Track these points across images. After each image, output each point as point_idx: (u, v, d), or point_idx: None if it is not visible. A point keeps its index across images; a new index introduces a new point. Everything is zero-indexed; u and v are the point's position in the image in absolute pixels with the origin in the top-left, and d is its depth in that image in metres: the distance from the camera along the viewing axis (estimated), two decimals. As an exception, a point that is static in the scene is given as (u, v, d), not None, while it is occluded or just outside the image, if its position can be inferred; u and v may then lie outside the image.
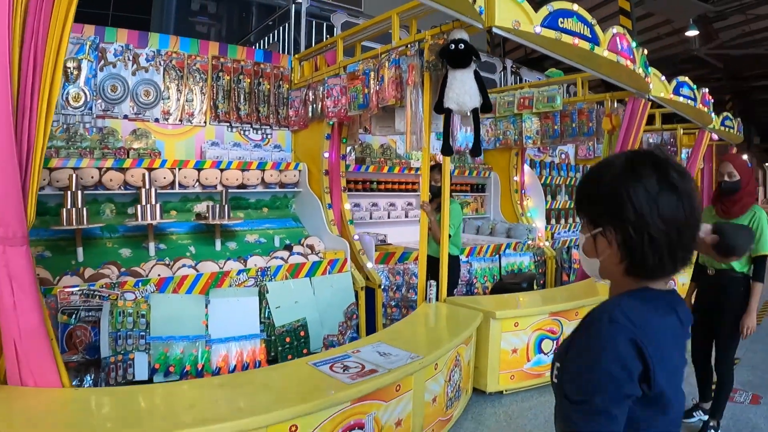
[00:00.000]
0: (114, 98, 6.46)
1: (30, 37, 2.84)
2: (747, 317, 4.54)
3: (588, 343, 1.46)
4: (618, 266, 1.55)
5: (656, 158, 1.53)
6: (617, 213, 1.50)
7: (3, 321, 3.08)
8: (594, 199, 1.60)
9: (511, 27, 4.95)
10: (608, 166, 1.58)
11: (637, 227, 1.47)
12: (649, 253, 1.48)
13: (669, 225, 1.46)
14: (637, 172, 1.50)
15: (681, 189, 1.47)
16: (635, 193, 1.47)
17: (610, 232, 1.53)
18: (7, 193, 2.86)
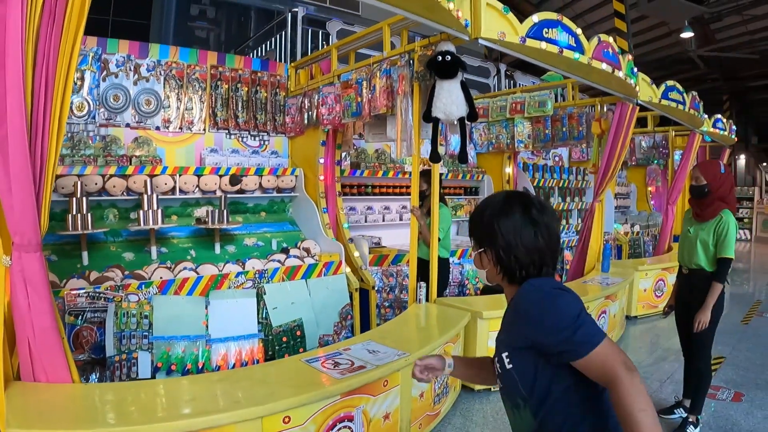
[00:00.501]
0: (116, 107, 6.62)
1: (42, 60, 3.01)
2: (701, 312, 4.74)
3: (541, 308, 1.86)
4: (498, 276, 2.06)
5: (523, 198, 2.03)
6: (492, 240, 2.00)
7: (18, 321, 3.26)
8: (478, 227, 2.09)
9: (497, 38, 5.13)
10: (489, 203, 2.07)
11: (506, 250, 1.97)
12: (516, 268, 1.98)
13: (530, 249, 1.95)
14: (507, 210, 1.99)
15: (539, 222, 1.96)
16: (504, 227, 1.97)
17: (489, 252, 2.04)
18: (23, 205, 3.05)
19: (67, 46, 3.10)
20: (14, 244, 3.16)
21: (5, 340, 3.22)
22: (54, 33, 3.04)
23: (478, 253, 2.10)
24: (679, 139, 12.16)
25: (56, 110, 3.13)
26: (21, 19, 2.85)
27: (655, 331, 8.39)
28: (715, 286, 4.76)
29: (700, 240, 4.89)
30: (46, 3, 2.96)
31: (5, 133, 2.94)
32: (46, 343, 3.33)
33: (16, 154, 2.97)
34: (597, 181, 8.17)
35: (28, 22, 2.90)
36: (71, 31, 3.10)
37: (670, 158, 12.08)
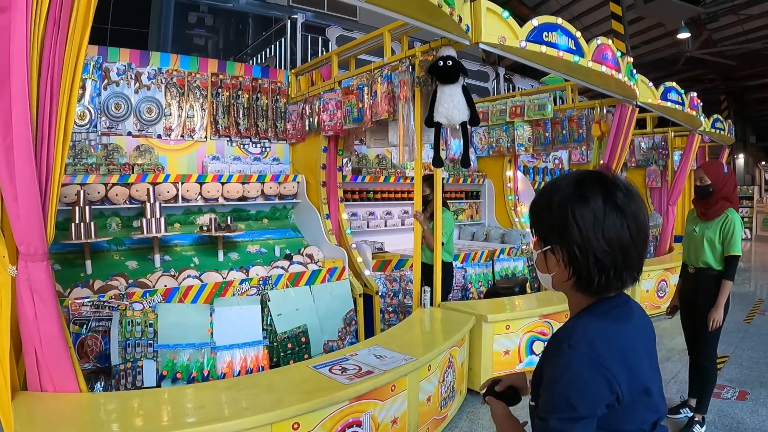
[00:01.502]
0: (118, 116, 6.63)
1: (47, 69, 3.03)
2: (714, 311, 4.77)
3: (554, 371, 1.53)
4: (567, 282, 1.63)
5: (603, 179, 1.58)
6: (564, 233, 1.56)
7: (24, 331, 3.27)
8: (544, 218, 1.65)
9: (497, 42, 5.16)
10: (557, 186, 1.63)
11: (583, 248, 1.53)
12: (594, 272, 1.54)
13: (613, 246, 1.52)
14: (583, 194, 1.55)
15: (626, 210, 1.53)
16: (581, 215, 1.53)
17: (557, 251, 1.60)
18: (29, 214, 3.06)
19: (71, 54, 3.11)
20: (20, 253, 3.17)
21: (12, 349, 3.22)
22: (59, 42, 3.05)
23: (542, 253, 1.68)
24: (679, 139, 12.18)
25: (62, 119, 3.14)
26: (25, 28, 2.86)
27: (659, 332, 8.37)
28: (725, 283, 4.80)
29: (706, 239, 4.92)
30: (51, 12, 2.98)
31: (11, 142, 2.95)
32: (53, 352, 3.33)
33: (21, 163, 2.98)
34: (598, 183, 8.17)
35: (32, 31, 2.91)
36: (76, 39, 3.11)
37: (670, 159, 12.10)
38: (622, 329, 1.59)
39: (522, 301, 6.56)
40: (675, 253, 10.43)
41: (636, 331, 1.63)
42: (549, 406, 1.52)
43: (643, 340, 1.65)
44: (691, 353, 5.28)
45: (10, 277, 3.17)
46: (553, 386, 1.51)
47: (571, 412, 1.47)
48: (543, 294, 7.66)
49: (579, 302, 1.67)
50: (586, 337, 1.52)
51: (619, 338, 1.56)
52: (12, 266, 3.17)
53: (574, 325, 1.60)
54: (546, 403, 1.54)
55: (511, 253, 9.19)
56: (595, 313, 1.61)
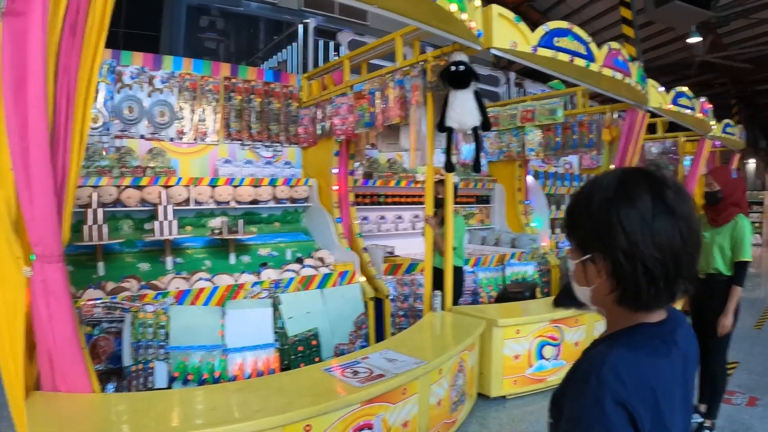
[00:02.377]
0: (131, 119, 6.68)
1: (63, 73, 3.06)
2: (723, 317, 4.78)
3: (577, 405, 1.33)
4: (609, 296, 1.40)
5: (651, 177, 1.38)
6: (607, 239, 1.35)
7: (39, 331, 3.30)
8: (583, 223, 1.44)
9: (508, 48, 5.18)
10: (598, 186, 1.42)
11: (630, 256, 1.32)
12: (643, 284, 1.32)
13: (665, 253, 1.31)
14: (629, 194, 1.35)
15: (678, 211, 1.33)
16: (627, 218, 1.32)
17: (599, 260, 1.38)
18: (45, 216, 3.10)
19: (87, 59, 3.15)
20: (36, 254, 3.20)
21: (25, 349, 3.24)
22: (75, 46, 3.10)
23: (580, 263, 1.44)
24: (689, 144, 12.09)
25: (77, 123, 3.18)
26: (42, 33, 2.90)
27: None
28: (735, 289, 4.81)
29: (716, 245, 4.92)
30: (67, 17, 3.01)
31: (27, 146, 2.99)
32: (67, 352, 3.36)
33: (38, 165, 3.01)
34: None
35: (49, 35, 2.95)
36: (91, 44, 3.15)
37: (680, 164, 12.05)
38: (659, 366, 1.36)
39: (532, 305, 6.56)
40: (685, 258, 10.38)
41: (674, 367, 1.40)
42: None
43: (683, 377, 1.44)
44: (702, 359, 5.26)
45: (25, 278, 3.20)
46: (578, 422, 1.31)
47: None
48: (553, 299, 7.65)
49: (620, 321, 1.44)
50: (616, 371, 1.29)
51: (653, 377, 1.33)
52: (27, 267, 3.20)
53: (605, 355, 1.34)
54: None
55: (522, 258, 9.17)
56: (632, 343, 1.37)
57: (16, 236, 3.16)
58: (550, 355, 5.88)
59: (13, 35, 2.90)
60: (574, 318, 6.00)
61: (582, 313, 6.02)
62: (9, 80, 2.91)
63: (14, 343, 3.19)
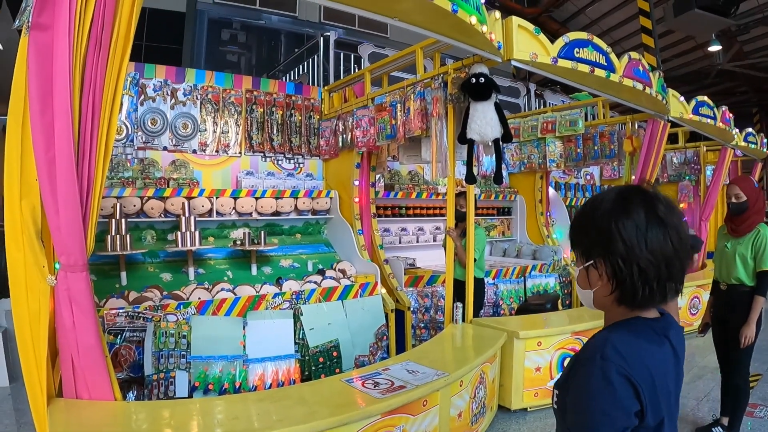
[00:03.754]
0: (154, 131, 6.75)
1: (89, 86, 3.11)
2: (746, 327, 4.72)
3: (584, 381, 1.51)
4: (609, 297, 1.62)
5: (645, 193, 1.61)
6: (607, 246, 1.57)
7: (62, 339, 3.33)
8: (586, 233, 1.67)
9: (529, 59, 5.17)
10: (599, 201, 1.65)
11: (627, 259, 1.54)
12: (638, 284, 1.54)
13: (657, 257, 1.53)
14: (626, 207, 1.58)
15: (668, 222, 1.55)
16: (624, 227, 1.54)
17: (600, 265, 1.60)
18: (70, 226, 3.13)
19: (113, 72, 3.20)
20: (60, 263, 3.24)
21: (48, 356, 3.28)
22: (100, 59, 3.14)
23: (584, 269, 1.68)
24: (711, 154, 12.02)
25: (102, 134, 3.22)
26: (68, 47, 2.94)
27: (691, 349, 8.28)
28: (758, 299, 4.75)
29: (738, 254, 4.89)
30: (93, 30, 3.05)
31: (53, 156, 3.03)
32: (90, 360, 3.38)
33: (63, 176, 3.05)
34: (630, 199, 8.11)
35: (75, 50, 2.99)
36: (117, 57, 3.19)
37: (702, 174, 11.97)
38: (654, 353, 1.57)
39: (554, 317, 6.53)
40: (708, 269, 10.25)
41: (666, 359, 1.62)
42: (586, 421, 1.50)
43: (674, 372, 1.64)
44: (724, 371, 5.22)
45: (49, 287, 3.24)
46: (586, 396, 1.51)
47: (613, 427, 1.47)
48: (575, 311, 7.61)
49: (619, 316, 1.66)
50: (618, 349, 1.51)
51: (649, 361, 1.54)
52: (51, 276, 3.24)
53: (608, 336, 1.58)
54: (580, 416, 1.52)
55: (543, 270, 9.15)
56: (630, 329, 1.60)
57: (41, 245, 3.21)
58: (571, 368, 5.83)
59: (39, 48, 2.95)
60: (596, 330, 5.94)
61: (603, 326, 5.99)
62: (35, 92, 2.96)
63: (38, 350, 3.22)
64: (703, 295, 9.06)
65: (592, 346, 1.59)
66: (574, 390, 1.55)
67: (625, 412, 1.47)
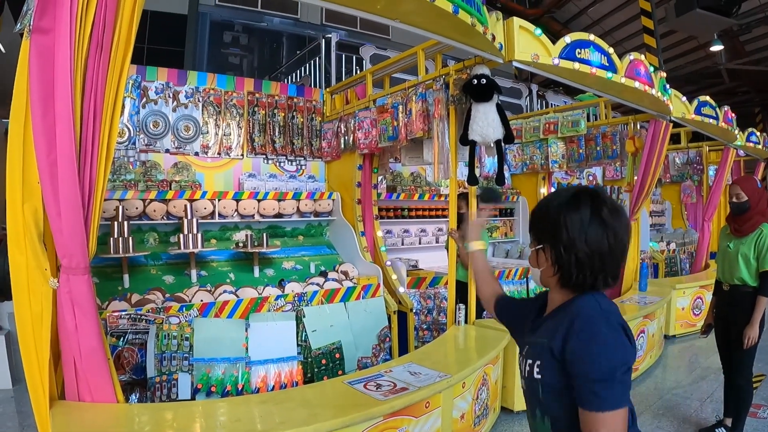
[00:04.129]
0: (156, 133, 6.75)
1: (90, 89, 3.10)
2: (749, 328, 4.72)
3: (593, 334, 1.74)
4: (553, 278, 1.93)
5: (595, 196, 1.87)
6: (555, 235, 1.86)
7: (64, 341, 3.33)
8: (540, 221, 1.97)
9: (530, 60, 5.17)
10: (557, 195, 1.96)
11: (568, 248, 1.83)
12: (574, 271, 1.84)
13: (593, 251, 1.81)
14: (576, 205, 1.84)
15: (609, 224, 1.81)
16: (570, 221, 1.82)
17: (548, 249, 1.91)
18: (72, 228, 3.13)
19: (114, 75, 3.19)
20: (62, 266, 3.24)
21: (50, 359, 3.28)
22: (102, 62, 3.13)
23: (535, 250, 1.98)
24: (713, 154, 11.98)
25: (104, 136, 3.22)
26: (69, 50, 2.95)
27: (694, 350, 8.29)
28: (761, 300, 4.75)
29: (741, 254, 4.89)
30: (94, 33, 3.05)
31: (55, 159, 3.03)
32: (93, 363, 3.38)
33: (65, 178, 3.05)
34: (632, 199, 8.12)
35: (76, 53, 2.99)
36: (118, 60, 3.19)
37: (705, 174, 11.95)
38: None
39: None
40: (710, 270, 10.26)
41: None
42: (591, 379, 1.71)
43: None
44: (726, 372, 5.22)
45: (51, 290, 3.24)
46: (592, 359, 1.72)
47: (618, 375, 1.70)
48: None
49: (560, 297, 1.96)
50: (608, 310, 1.83)
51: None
52: (53, 279, 3.24)
53: (590, 300, 1.86)
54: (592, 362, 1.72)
55: (546, 271, 9.10)
56: (598, 295, 1.90)
57: (43, 248, 3.21)
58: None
59: (41, 52, 2.96)
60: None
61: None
62: (37, 95, 2.96)
63: (40, 353, 3.22)
64: (706, 295, 9.06)
65: (584, 315, 1.81)
66: (584, 344, 1.75)
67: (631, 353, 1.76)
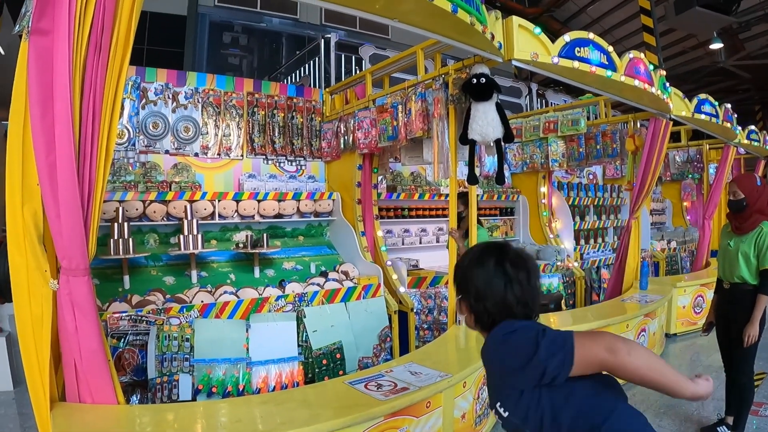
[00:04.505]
0: (156, 134, 6.74)
1: (89, 90, 3.10)
2: (749, 326, 4.72)
3: (497, 352, 1.99)
4: (472, 323, 2.14)
5: (499, 252, 2.08)
6: (466, 288, 2.11)
7: (65, 343, 3.32)
8: (456, 276, 2.19)
9: (529, 59, 5.17)
10: (470, 252, 2.19)
11: (477, 300, 2.06)
12: (485, 318, 2.05)
13: (498, 303, 2.01)
14: (480, 261, 2.09)
15: (512, 276, 2.01)
16: (477, 277, 2.06)
17: (464, 301, 2.13)
18: (72, 230, 3.13)
19: (113, 76, 3.19)
20: (62, 268, 3.24)
21: (51, 361, 3.28)
22: (100, 64, 3.13)
23: (458, 300, 2.18)
24: (714, 152, 11.99)
25: (103, 138, 3.22)
26: (68, 52, 2.94)
27: (695, 348, 8.28)
28: (761, 298, 4.74)
29: (741, 253, 4.89)
30: (93, 35, 3.05)
31: (54, 160, 3.03)
32: (93, 364, 3.38)
33: (64, 180, 3.05)
34: (633, 198, 8.11)
35: (75, 54, 2.99)
36: (117, 61, 3.19)
37: (705, 172, 11.94)
38: None
39: (557, 318, 6.52)
40: (711, 268, 10.26)
41: None
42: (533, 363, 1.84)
43: None
44: (728, 370, 5.22)
45: (51, 291, 3.23)
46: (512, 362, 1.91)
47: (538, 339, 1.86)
48: (579, 311, 7.62)
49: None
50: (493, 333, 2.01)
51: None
52: (53, 280, 3.24)
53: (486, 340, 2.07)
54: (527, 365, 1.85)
55: (546, 270, 9.14)
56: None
57: (43, 250, 3.21)
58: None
59: (40, 53, 2.95)
60: (598, 329, 5.95)
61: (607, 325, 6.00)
62: (36, 97, 2.96)
63: (40, 354, 3.22)
64: (707, 293, 9.05)
65: (485, 350, 2.04)
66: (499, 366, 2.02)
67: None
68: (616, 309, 6.81)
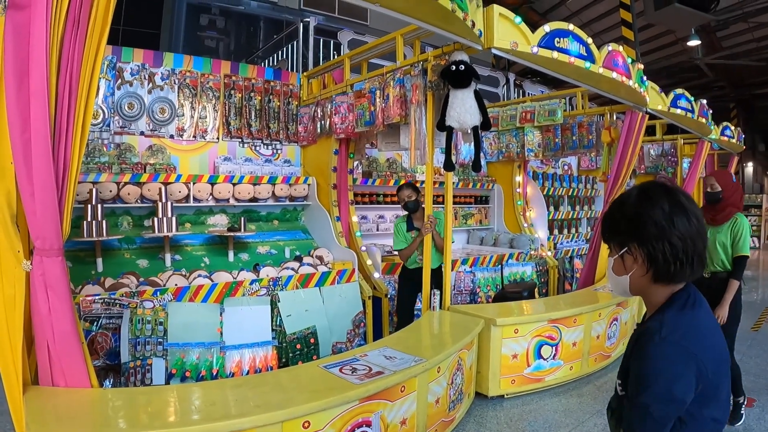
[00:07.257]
0: (131, 115, 6.68)
1: (66, 66, 3.06)
2: (720, 308, 5.01)
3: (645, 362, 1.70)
4: (645, 277, 1.84)
5: (666, 187, 1.84)
6: (640, 232, 1.79)
7: (37, 325, 3.29)
8: (619, 225, 1.89)
9: (509, 48, 5.19)
10: (626, 197, 1.89)
11: (659, 239, 1.76)
12: (670, 260, 1.76)
13: (684, 235, 1.74)
14: (652, 199, 1.80)
15: (689, 209, 1.77)
16: (654, 214, 1.76)
17: (635, 249, 1.82)
18: (45, 210, 3.09)
19: (90, 53, 3.14)
20: (35, 248, 3.20)
21: (24, 344, 3.24)
22: (78, 40, 3.09)
23: (619, 257, 1.89)
24: (688, 147, 12.10)
25: (80, 116, 3.17)
26: (45, 27, 2.90)
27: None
28: (732, 282, 5.04)
29: (719, 242, 5.17)
30: (70, 11, 3.01)
31: (28, 138, 2.98)
32: (66, 347, 3.35)
33: (39, 158, 3.01)
34: (607, 189, 8.17)
35: (52, 30, 2.95)
36: (94, 39, 3.14)
37: (679, 166, 12.07)
38: (698, 314, 1.79)
39: (530, 305, 6.55)
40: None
41: (708, 316, 1.84)
42: (641, 388, 1.70)
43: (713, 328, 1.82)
44: None
45: (24, 272, 3.19)
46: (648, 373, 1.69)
47: (665, 394, 1.66)
48: (551, 299, 7.65)
49: (656, 296, 1.87)
50: (675, 328, 1.73)
51: (700, 323, 1.77)
52: (26, 261, 3.20)
53: (662, 319, 1.77)
54: (638, 386, 1.71)
55: (520, 258, 9.18)
56: (675, 306, 1.80)
57: (16, 230, 3.16)
58: (548, 355, 5.89)
59: (16, 29, 2.90)
60: (572, 318, 6.02)
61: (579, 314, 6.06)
62: (11, 73, 2.91)
63: (13, 337, 3.18)
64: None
65: (649, 331, 1.76)
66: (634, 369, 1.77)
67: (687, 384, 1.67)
68: (588, 298, 6.85)
